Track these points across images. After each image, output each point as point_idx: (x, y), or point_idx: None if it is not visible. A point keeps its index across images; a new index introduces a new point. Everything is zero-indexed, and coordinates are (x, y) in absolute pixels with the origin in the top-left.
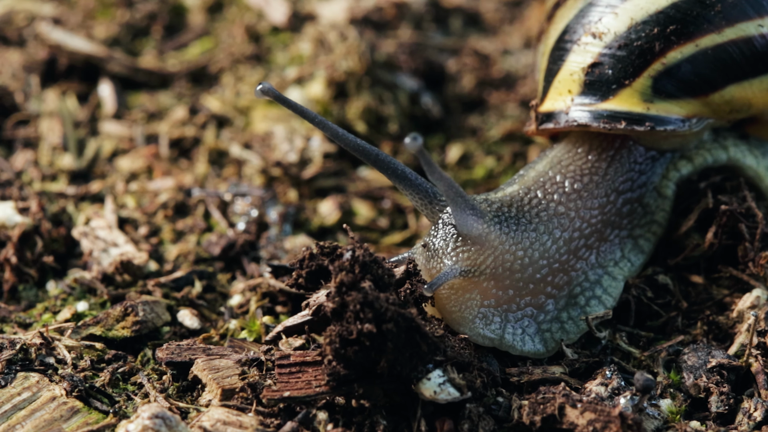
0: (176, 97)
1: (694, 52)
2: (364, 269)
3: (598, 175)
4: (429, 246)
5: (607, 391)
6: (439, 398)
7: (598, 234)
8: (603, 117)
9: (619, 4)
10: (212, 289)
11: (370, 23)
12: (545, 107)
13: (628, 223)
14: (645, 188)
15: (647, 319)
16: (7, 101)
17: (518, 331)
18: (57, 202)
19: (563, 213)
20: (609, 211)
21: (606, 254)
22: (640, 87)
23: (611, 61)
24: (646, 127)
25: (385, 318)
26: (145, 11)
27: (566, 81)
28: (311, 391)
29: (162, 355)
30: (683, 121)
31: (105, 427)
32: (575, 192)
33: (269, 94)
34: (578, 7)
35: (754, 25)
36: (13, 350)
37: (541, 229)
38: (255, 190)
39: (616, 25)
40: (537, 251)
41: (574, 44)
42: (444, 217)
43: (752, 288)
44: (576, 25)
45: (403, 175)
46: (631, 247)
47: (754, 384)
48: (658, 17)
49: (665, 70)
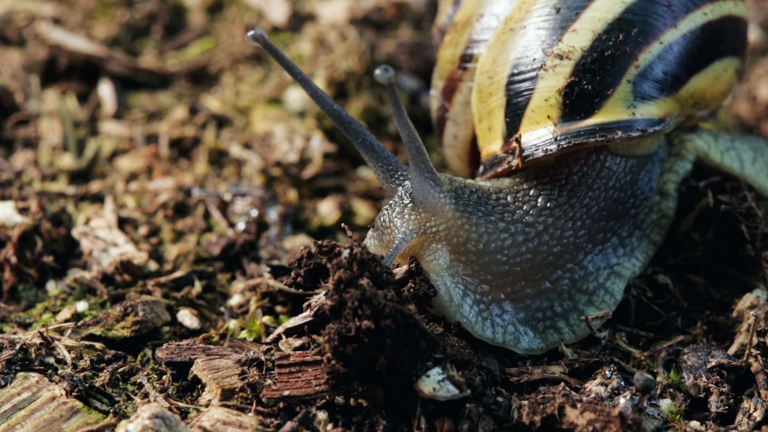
0: (176, 97)
1: (660, 49)
2: (362, 267)
3: (575, 197)
4: (377, 224)
5: (607, 391)
6: (438, 395)
7: (569, 256)
8: (596, 131)
9: (572, 22)
10: (212, 289)
11: (370, 23)
12: (524, 140)
13: (601, 253)
14: (628, 205)
15: (647, 319)
16: (7, 101)
17: (476, 309)
18: (57, 202)
19: (531, 223)
20: (582, 236)
21: (579, 282)
22: (621, 94)
23: (587, 76)
24: (638, 132)
25: (383, 314)
26: (145, 11)
27: (542, 108)
28: (311, 390)
29: (162, 355)
30: (662, 120)
31: (105, 427)
32: (548, 209)
33: (259, 40)
34: (523, 35)
35: (700, 13)
36: (12, 350)
37: (500, 226)
38: (255, 190)
39: (580, 41)
40: (494, 243)
41: (539, 71)
42: (400, 191)
43: (752, 288)
44: (531, 53)
45: (371, 146)
46: (606, 276)
47: (754, 384)
48: (619, 24)
49: (641, 73)
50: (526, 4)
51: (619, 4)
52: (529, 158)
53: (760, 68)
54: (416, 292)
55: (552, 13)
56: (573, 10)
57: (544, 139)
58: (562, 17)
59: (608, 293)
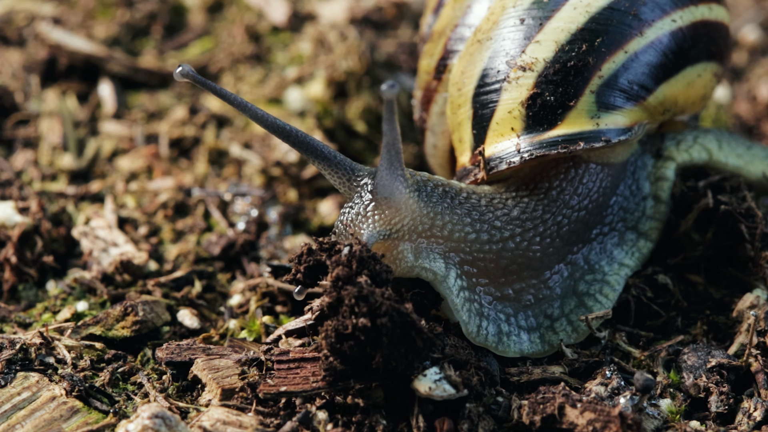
0: (176, 96)
1: (625, 59)
2: (361, 264)
3: (549, 212)
4: (338, 229)
5: (607, 390)
6: (435, 394)
7: (533, 272)
8: (559, 143)
9: (536, 33)
10: (212, 288)
11: (370, 23)
12: (489, 152)
13: (571, 279)
14: (603, 218)
15: (647, 319)
16: (7, 101)
17: (459, 282)
18: (57, 201)
19: (498, 227)
20: (551, 254)
21: (543, 304)
22: (585, 105)
23: (550, 87)
24: (602, 143)
25: (379, 312)
26: (145, 11)
27: (506, 120)
28: (308, 386)
29: (162, 354)
30: (629, 129)
31: (105, 426)
32: (519, 220)
33: (188, 76)
34: (490, 47)
35: (669, 21)
36: (12, 350)
37: (465, 220)
38: (255, 190)
39: (543, 53)
40: (457, 233)
41: (503, 83)
42: (361, 191)
43: (752, 288)
44: (496, 65)
45: (323, 154)
46: (573, 307)
47: (754, 384)
48: (583, 34)
49: (604, 83)
50: (494, 15)
51: (584, 14)
52: (493, 171)
53: (760, 68)
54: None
55: (517, 25)
56: (538, 21)
57: (507, 152)
58: (527, 28)
59: (572, 326)
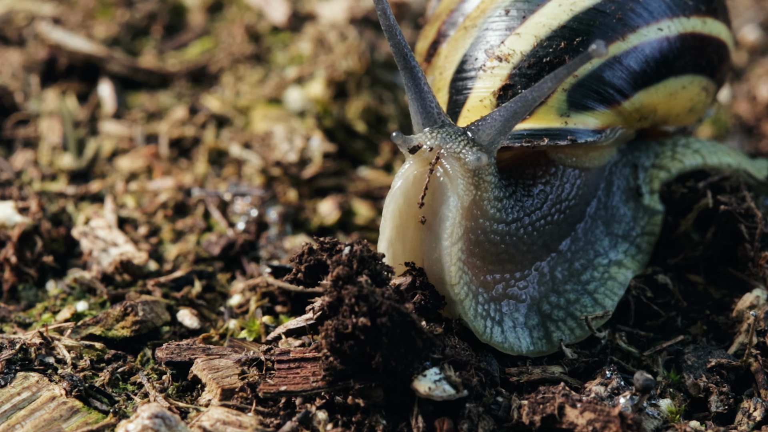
0: (176, 96)
1: (602, 61)
2: (361, 264)
3: (513, 212)
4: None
5: (607, 390)
6: (434, 395)
7: (500, 266)
8: (524, 136)
9: (517, 25)
10: (212, 288)
11: (370, 23)
12: None
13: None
14: (581, 222)
15: (647, 319)
16: (7, 101)
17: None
18: (57, 201)
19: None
20: (536, 250)
21: (514, 313)
22: (555, 102)
23: (523, 80)
24: (567, 141)
25: (379, 312)
26: (145, 11)
27: (476, 108)
28: (308, 386)
29: (162, 354)
30: (599, 132)
31: (105, 426)
32: (491, 217)
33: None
34: (473, 35)
35: (655, 29)
36: (12, 350)
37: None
38: (255, 190)
39: (521, 45)
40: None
41: (478, 71)
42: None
43: (752, 288)
44: (476, 53)
45: None
46: (537, 322)
47: (754, 384)
48: (563, 32)
49: (578, 83)
50: (484, 4)
51: (568, 12)
52: None
53: (760, 68)
54: (426, 305)
55: (502, 15)
56: (521, 13)
57: None
58: (510, 20)
59: (565, 325)
